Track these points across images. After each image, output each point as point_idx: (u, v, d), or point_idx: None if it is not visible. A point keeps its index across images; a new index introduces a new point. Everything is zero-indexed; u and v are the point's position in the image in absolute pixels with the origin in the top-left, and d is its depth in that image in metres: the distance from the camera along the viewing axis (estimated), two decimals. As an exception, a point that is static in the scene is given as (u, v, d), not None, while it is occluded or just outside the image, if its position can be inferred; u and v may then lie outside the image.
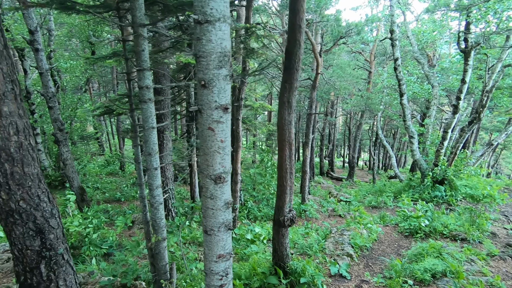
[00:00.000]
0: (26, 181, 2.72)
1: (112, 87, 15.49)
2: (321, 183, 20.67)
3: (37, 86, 12.12)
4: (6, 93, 2.41)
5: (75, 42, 15.64)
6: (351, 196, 14.70)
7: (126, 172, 16.33)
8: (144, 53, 2.93)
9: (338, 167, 31.59)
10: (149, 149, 3.28)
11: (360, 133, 18.54)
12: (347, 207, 12.99)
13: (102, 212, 10.02)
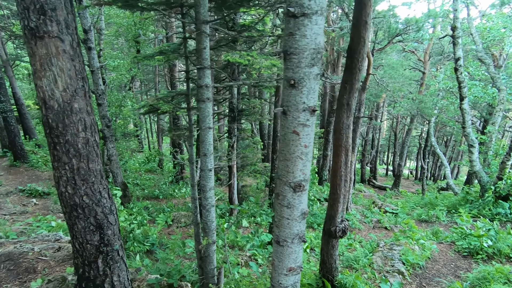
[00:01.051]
0: (90, 177, 2.84)
1: (154, 85, 16.16)
2: (363, 191, 19.89)
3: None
4: (78, 90, 2.54)
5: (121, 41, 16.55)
6: (398, 208, 13.95)
7: (164, 169, 16.94)
8: (205, 51, 2.94)
9: (381, 175, 30.25)
10: (205, 149, 3.29)
11: (408, 139, 17.55)
12: (393, 219, 12.35)
13: (143, 209, 10.45)
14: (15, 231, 7.92)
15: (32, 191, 11.93)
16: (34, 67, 2.39)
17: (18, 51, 16.99)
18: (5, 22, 15.30)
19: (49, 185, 13.10)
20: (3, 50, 15.13)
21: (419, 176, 26.46)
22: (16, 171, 14.39)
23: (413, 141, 28.74)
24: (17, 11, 2.29)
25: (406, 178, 30.56)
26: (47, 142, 2.72)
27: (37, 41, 2.29)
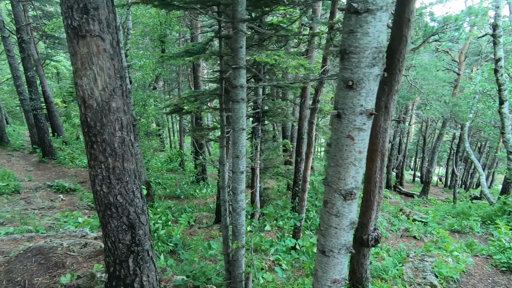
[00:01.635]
0: (124, 176, 2.88)
1: (177, 85, 16.41)
2: (389, 197, 19.31)
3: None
4: (116, 89, 2.57)
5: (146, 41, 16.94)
6: (428, 216, 13.42)
7: (186, 169, 17.18)
8: (241, 51, 2.91)
9: (407, 181, 29.30)
10: (237, 151, 3.26)
11: (439, 144, 16.87)
12: (423, 228, 11.89)
13: (166, 209, 10.62)
14: (44, 225, 8.25)
15: (59, 187, 12.40)
16: (75, 66, 2.44)
17: (49, 50, 17.80)
18: (37, 23, 16.06)
19: (75, 181, 13.59)
20: (35, 49, 15.89)
21: (449, 184, 25.40)
22: (45, 167, 15.04)
23: (443, 146, 27.65)
24: (61, 11, 2.35)
25: (435, 185, 29.43)
26: (84, 141, 2.78)
27: (79, 40, 2.33)
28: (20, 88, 14.21)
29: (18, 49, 13.79)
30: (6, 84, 23.02)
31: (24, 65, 13.40)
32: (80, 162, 16.10)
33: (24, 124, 24.76)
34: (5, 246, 6.37)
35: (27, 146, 17.22)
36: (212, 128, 10.74)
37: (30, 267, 5.33)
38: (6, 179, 12.03)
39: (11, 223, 8.35)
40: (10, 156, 15.43)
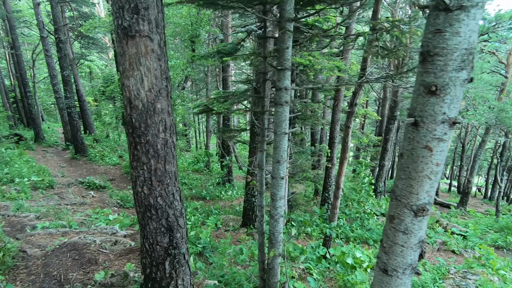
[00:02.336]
0: (165, 178, 2.89)
1: (206, 85, 16.62)
2: (422, 207, 18.48)
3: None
4: (162, 90, 2.58)
5: (176, 41, 17.30)
6: (468, 230, 12.71)
7: (212, 171, 17.35)
8: (288, 51, 2.84)
9: (443, 191, 27.99)
10: (278, 156, 3.18)
11: (481, 153, 15.94)
12: (462, 242, 11.27)
13: (193, 210, 10.74)
14: (76, 221, 8.57)
15: (90, 184, 12.90)
16: (123, 66, 2.47)
17: (83, 50, 18.64)
18: (73, 23, 16.85)
19: (105, 179, 14.09)
20: (70, 49, 16.69)
21: (490, 195, 23.96)
22: (76, 163, 15.72)
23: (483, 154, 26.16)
24: (112, 11, 2.39)
25: (473, 196, 27.91)
26: (127, 142, 2.81)
27: (128, 41, 2.36)
28: (56, 86, 14.95)
29: (56, 49, 14.53)
30: (43, 83, 24.40)
31: (61, 64, 14.09)
32: (110, 160, 16.69)
33: (58, 122, 26.11)
34: (41, 240, 6.66)
35: (61, 142, 18.09)
36: (241, 130, 10.76)
37: (65, 262, 5.53)
38: (42, 174, 12.67)
39: (46, 217, 8.74)
40: (45, 152, 16.27)
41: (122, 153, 18.71)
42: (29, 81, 16.99)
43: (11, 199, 9.86)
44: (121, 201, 11.89)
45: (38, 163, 14.27)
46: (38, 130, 16.82)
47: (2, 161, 12.09)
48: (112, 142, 20.33)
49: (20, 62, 15.95)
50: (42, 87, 25.10)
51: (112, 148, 19.14)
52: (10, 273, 5.08)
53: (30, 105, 16.61)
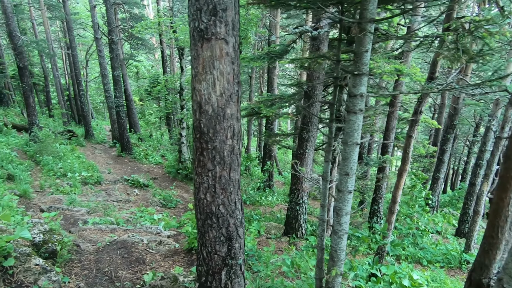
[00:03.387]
0: (229, 186, 2.85)
1: (249, 87, 16.72)
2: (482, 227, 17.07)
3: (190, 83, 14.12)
4: (233, 94, 2.54)
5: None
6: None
7: (252, 174, 17.39)
8: (366, 55, 2.67)
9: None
10: (347, 168, 3.01)
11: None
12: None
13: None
14: (123, 218, 8.95)
15: (134, 182, 13.48)
16: (196, 70, 2.46)
17: (132, 51, 19.68)
18: (124, 25, 17.84)
19: (148, 177, 14.66)
20: (121, 50, 17.67)
21: None
22: (122, 161, 16.56)
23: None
24: (188, 13, 2.39)
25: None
26: (193, 147, 2.81)
27: (203, 43, 2.34)
28: (106, 86, 15.90)
29: (108, 49, 15.47)
30: (94, 82, 26.17)
31: (112, 64, 14.96)
32: (153, 159, 17.38)
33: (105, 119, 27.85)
34: (92, 235, 7.02)
35: (108, 140, 19.21)
36: (287, 135, 10.67)
37: (115, 259, 5.76)
38: (91, 170, 13.48)
39: (95, 212, 9.24)
40: (93, 149, 17.35)
41: (165, 153, 19.42)
42: (82, 80, 18.28)
43: (64, 193, 10.57)
44: (164, 200, 12.28)
45: (87, 159, 15.23)
46: (88, 127, 17.99)
47: (57, 156, 13.04)
48: (155, 142, 21.21)
49: (75, 62, 17.20)
50: (93, 86, 26.93)
51: (155, 147, 19.95)
52: (66, 266, 5.37)
53: (82, 103, 17.84)
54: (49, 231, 5.43)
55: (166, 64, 18.03)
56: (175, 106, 17.19)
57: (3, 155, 11.49)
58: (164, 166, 16.78)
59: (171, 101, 16.67)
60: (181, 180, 15.31)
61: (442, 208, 19.39)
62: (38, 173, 11.94)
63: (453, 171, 30.69)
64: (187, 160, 15.26)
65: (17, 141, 13.85)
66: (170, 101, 16.68)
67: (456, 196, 21.51)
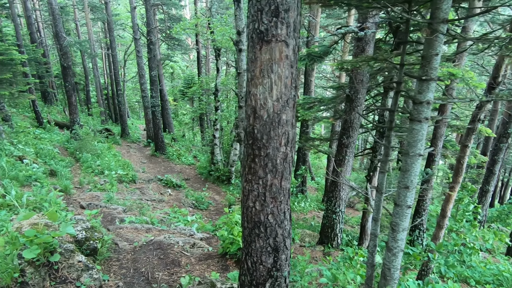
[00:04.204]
0: (280, 195, 2.76)
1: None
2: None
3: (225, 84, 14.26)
4: (289, 100, 2.46)
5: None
6: None
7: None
8: (437, 59, 2.48)
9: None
10: (408, 181, 2.82)
11: None
12: None
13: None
14: (157, 218, 9.14)
15: (167, 182, 13.79)
16: (252, 73, 2.40)
17: (168, 51, 20.26)
18: (162, 25, 18.40)
19: (181, 178, 14.94)
20: (158, 50, 18.22)
21: None
22: (155, 160, 17.04)
23: None
24: (248, 14, 2.34)
25: None
26: (244, 153, 2.76)
27: (262, 46, 2.28)
28: (143, 86, 16.44)
29: (146, 50, 16.00)
30: (130, 82, 27.26)
31: (149, 64, 15.45)
32: (185, 159, 17.73)
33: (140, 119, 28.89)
34: (129, 234, 7.21)
35: (143, 139, 19.88)
36: (325, 139, 10.43)
37: (151, 260, 5.85)
38: (126, 168, 13.97)
39: (131, 211, 9.52)
40: (129, 147, 18.01)
41: (197, 154, 19.77)
42: (120, 80, 19.07)
43: (101, 190, 11.02)
44: (196, 202, 12.45)
45: (123, 157, 15.82)
46: (124, 126, 18.70)
47: (95, 154, 13.65)
48: (187, 142, 21.66)
49: (115, 62, 17.98)
50: (129, 86, 28.07)
51: (187, 148, 20.37)
52: (105, 264, 5.53)
53: (120, 103, 18.59)
54: (90, 229, 5.61)
55: (201, 65, 18.37)
56: (209, 107, 17.45)
57: (47, 151, 12.19)
58: (196, 167, 17.06)
59: (205, 102, 16.94)
60: (212, 182, 15.47)
61: (490, 223, 18.19)
62: (77, 170, 12.55)
63: (501, 183, 28.75)
64: (219, 161, 15.41)
65: (59, 138, 14.66)
66: (204, 102, 16.96)
67: (506, 211, 20.09)
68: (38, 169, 10.02)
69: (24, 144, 11.97)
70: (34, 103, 14.51)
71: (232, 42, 11.21)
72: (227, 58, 16.38)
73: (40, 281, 3.99)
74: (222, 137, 15.21)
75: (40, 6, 19.16)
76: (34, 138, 13.53)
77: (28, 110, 16.84)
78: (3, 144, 10.54)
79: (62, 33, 12.74)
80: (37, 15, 19.10)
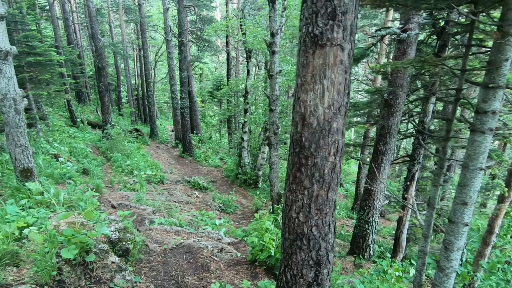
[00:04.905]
0: (325, 207, 2.66)
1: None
2: None
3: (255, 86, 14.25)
4: (341, 107, 2.36)
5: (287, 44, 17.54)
6: None
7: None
8: (506, 65, 2.29)
9: None
10: (466, 196, 2.63)
11: None
12: None
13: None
14: (185, 220, 9.23)
15: (194, 184, 13.94)
16: (303, 78, 2.33)
17: (198, 52, 20.59)
18: (193, 27, 18.72)
19: (208, 180, 15.06)
20: (188, 52, 18.55)
21: None
22: (183, 162, 17.30)
23: None
24: (300, 17, 2.27)
25: None
26: (289, 161, 2.68)
27: (316, 50, 2.20)
28: (173, 87, 16.77)
29: (177, 51, 16.32)
30: (160, 83, 27.97)
31: (180, 66, 15.73)
32: (212, 161, 17.89)
33: (168, 120, 29.55)
34: (158, 236, 7.30)
35: (171, 140, 20.27)
36: (360, 145, 10.16)
37: (181, 264, 5.88)
38: (154, 169, 14.26)
39: (159, 212, 9.68)
40: (157, 148, 18.42)
41: (223, 156, 19.90)
42: (151, 81, 19.59)
43: (131, 190, 11.29)
44: (223, 205, 12.49)
45: (151, 158, 16.18)
46: (153, 127, 19.16)
47: (125, 154, 14.04)
48: (214, 144, 21.87)
49: (146, 63, 18.49)
50: (158, 87, 28.81)
51: (214, 150, 20.56)
52: (136, 265, 5.60)
53: (150, 103, 19.08)
54: (123, 229, 5.71)
55: (230, 66, 18.51)
56: (237, 109, 17.54)
57: (80, 150, 12.67)
58: (223, 169, 17.15)
59: (234, 103, 17.05)
60: (239, 185, 15.49)
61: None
62: (108, 169, 12.94)
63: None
64: (246, 165, 15.41)
65: (91, 137, 15.22)
66: (233, 103, 17.07)
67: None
68: (72, 167, 10.41)
69: (59, 142, 12.50)
70: (69, 103, 15.17)
71: (264, 44, 11.20)
72: (257, 60, 16.41)
73: (76, 280, 4.08)
74: (250, 140, 15.20)
75: (77, 9, 20.06)
76: (68, 136, 14.12)
77: (63, 109, 17.63)
78: (40, 142, 11.06)
79: (98, 34, 13.23)
80: (74, 17, 20.00)
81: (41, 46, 11.04)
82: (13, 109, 5.99)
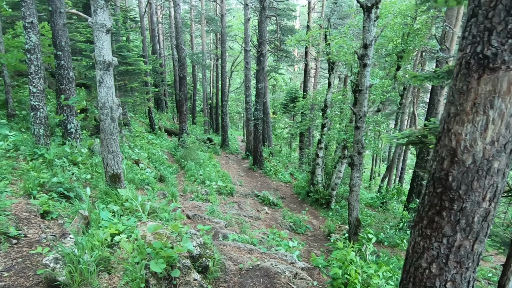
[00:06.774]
0: (468, 260, 2.27)
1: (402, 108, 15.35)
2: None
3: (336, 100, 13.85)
4: (508, 144, 1.98)
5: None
6: None
7: (391, 210, 15.83)
8: None
9: None
10: None
11: None
12: None
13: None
14: (256, 237, 9.14)
15: (264, 199, 13.88)
16: (459, 107, 2.02)
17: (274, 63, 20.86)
18: (271, 36, 19.04)
19: (278, 195, 14.92)
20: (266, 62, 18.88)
21: None
22: (252, 174, 17.45)
23: None
24: (463, 34, 1.99)
25: None
26: (425, 201, 2.36)
27: (483, 74, 1.89)
28: (248, 97, 17.13)
29: (255, 61, 16.70)
30: (234, 93, 28.98)
31: (257, 76, 16.03)
32: (282, 176, 17.75)
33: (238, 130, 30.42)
34: (232, 253, 7.29)
35: (241, 151, 20.69)
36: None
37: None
38: (225, 180, 14.56)
39: (231, 226, 9.75)
40: (227, 159, 18.90)
41: (293, 171, 19.66)
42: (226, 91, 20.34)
43: (203, 200, 11.62)
44: (294, 224, 12.20)
45: (222, 168, 16.61)
46: (225, 137, 19.76)
47: (197, 163, 14.62)
48: (284, 158, 21.77)
49: (224, 73, 19.26)
50: (232, 97, 29.86)
51: (284, 164, 20.43)
52: (213, 283, 5.59)
53: (224, 113, 19.76)
54: (203, 245, 5.76)
55: (307, 78, 18.36)
56: (313, 123, 17.24)
57: (157, 156, 13.50)
58: (293, 185, 16.89)
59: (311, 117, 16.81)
60: (310, 204, 15.05)
61: None
62: (181, 177, 13.56)
63: None
64: (319, 183, 14.95)
65: (167, 144, 16.20)
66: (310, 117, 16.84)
67: None
68: (150, 174, 11.08)
69: (139, 148, 13.48)
70: (149, 110, 16.38)
71: (350, 56, 10.82)
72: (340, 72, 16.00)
73: (161, 294, 4.15)
74: (325, 156, 14.74)
75: (162, 20, 21.84)
76: (147, 142, 15.19)
77: (143, 116, 19.13)
78: (124, 147, 12.02)
79: (182, 45, 14.12)
80: (159, 28, 21.78)
81: (132, 56, 12.10)
82: (109, 117, 6.50)
